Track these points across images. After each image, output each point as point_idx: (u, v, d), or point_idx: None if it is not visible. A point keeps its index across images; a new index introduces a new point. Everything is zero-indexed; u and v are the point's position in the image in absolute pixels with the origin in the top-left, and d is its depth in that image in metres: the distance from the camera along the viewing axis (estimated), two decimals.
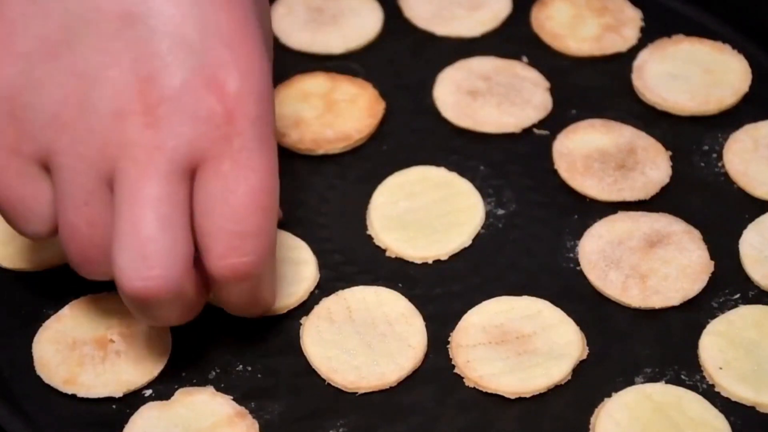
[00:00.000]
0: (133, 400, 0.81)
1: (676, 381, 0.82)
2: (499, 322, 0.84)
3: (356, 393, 0.81)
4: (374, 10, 1.04)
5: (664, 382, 0.82)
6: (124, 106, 0.71)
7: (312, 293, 0.86)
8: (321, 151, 0.94)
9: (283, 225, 0.90)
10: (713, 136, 0.95)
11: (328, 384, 0.82)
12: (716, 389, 0.81)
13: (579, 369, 0.82)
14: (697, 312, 0.85)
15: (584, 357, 0.83)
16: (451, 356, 0.83)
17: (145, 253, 0.71)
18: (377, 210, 0.90)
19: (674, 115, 0.96)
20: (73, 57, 0.72)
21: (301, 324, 0.84)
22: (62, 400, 0.81)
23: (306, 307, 0.85)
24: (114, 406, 0.81)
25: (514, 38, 1.02)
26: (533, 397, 0.81)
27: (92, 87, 0.71)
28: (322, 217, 0.91)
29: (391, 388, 0.81)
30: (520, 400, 0.81)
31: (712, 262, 0.87)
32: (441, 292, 0.87)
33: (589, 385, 0.82)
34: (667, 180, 0.92)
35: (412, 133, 0.96)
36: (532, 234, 0.90)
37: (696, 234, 0.88)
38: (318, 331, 0.83)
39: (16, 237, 0.88)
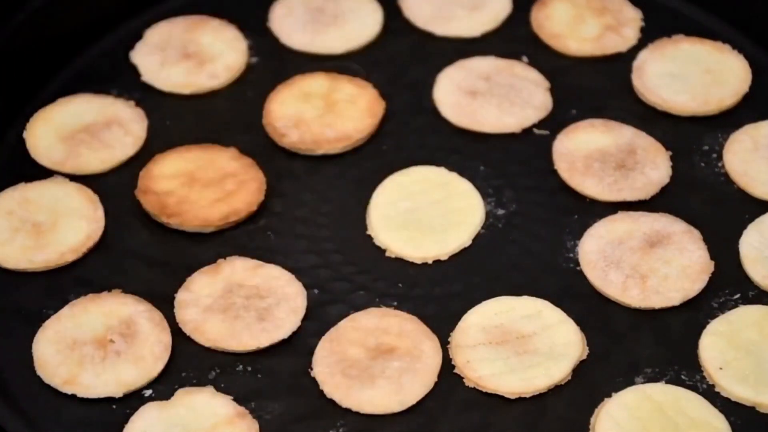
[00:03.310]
0: (133, 400, 0.81)
1: (676, 381, 0.82)
2: (499, 322, 0.84)
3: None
4: (374, 10, 1.04)
5: (664, 382, 0.82)
6: None
7: (313, 292, 0.86)
8: (321, 151, 0.94)
9: (283, 226, 0.90)
10: (713, 136, 0.95)
11: None
12: (716, 389, 0.81)
13: (579, 369, 0.82)
14: (697, 312, 0.85)
15: (584, 357, 0.83)
16: (451, 356, 0.83)
17: None
18: (377, 210, 0.90)
19: (674, 115, 0.96)
20: None
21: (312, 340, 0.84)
22: (62, 400, 0.81)
23: (311, 315, 0.85)
24: (114, 406, 0.81)
25: (514, 38, 1.02)
26: (533, 397, 0.81)
27: None
28: (322, 217, 0.91)
29: None
30: (520, 400, 0.81)
31: (712, 262, 0.87)
32: (441, 292, 0.87)
33: (589, 385, 0.82)
34: (667, 180, 0.92)
35: (412, 133, 0.96)
36: (532, 234, 0.90)
37: (696, 234, 0.88)
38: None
39: (16, 237, 0.88)
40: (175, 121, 0.97)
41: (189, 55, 1.00)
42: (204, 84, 0.99)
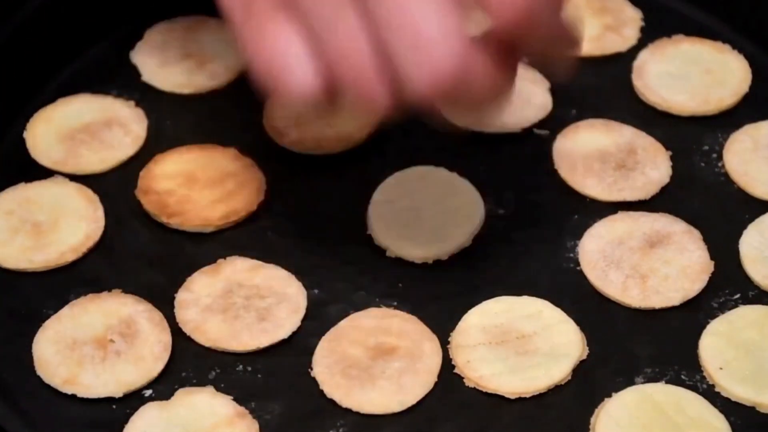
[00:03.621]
0: (133, 400, 0.81)
1: (676, 381, 0.82)
2: (499, 322, 0.84)
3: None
4: None
5: (664, 382, 0.82)
6: None
7: (313, 292, 0.86)
8: (321, 151, 0.94)
9: (283, 226, 0.90)
10: (713, 136, 0.95)
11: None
12: (716, 389, 0.81)
13: (579, 369, 0.82)
14: (697, 312, 0.85)
15: (584, 357, 0.83)
16: (451, 356, 0.83)
17: (438, 29, 0.68)
18: (377, 210, 0.90)
19: (674, 115, 0.97)
20: None
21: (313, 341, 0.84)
22: (62, 400, 0.81)
23: (311, 315, 0.85)
24: (114, 406, 0.81)
25: None
26: (533, 397, 0.81)
27: None
28: (322, 217, 0.91)
29: None
30: (520, 400, 0.81)
31: (712, 262, 0.87)
32: (441, 292, 0.87)
33: (589, 385, 0.82)
34: (667, 180, 0.92)
35: (412, 133, 0.96)
36: (532, 234, 0.90)
37: (696, 234, 0.88)
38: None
39: (16, 237, 0.88)
40: (175, 121, 0.97)
41: (189, 55, 1.00)
42: (204, 84, 0.99)
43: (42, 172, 0.92)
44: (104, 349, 0.82)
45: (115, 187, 0.92)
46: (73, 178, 0.92)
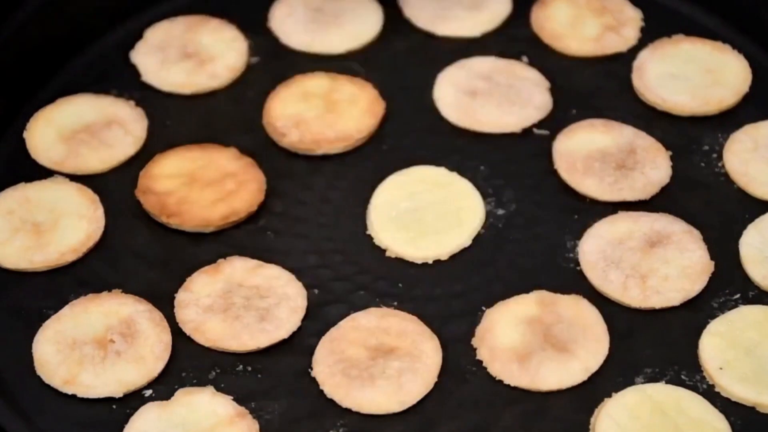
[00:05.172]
0: (133, 400, 0.81)
1: (676, 381, 0.82)
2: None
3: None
4: (374, 10, 1.04)
5: (664, 382, 0.82)
6: None
7: (313, 292, 0.86)
8: (321, 151, 0.94)
9: (283, 226, 0.90)
10: (713, 136, 0.95)
11: None
12: (716, 389, 0.81)
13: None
14: (697, 312, 0.85)
15: None
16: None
17: None
18: (377, 210, 0.90)
19: (674, 115, 0.97)
20: None
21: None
22: (62, 400, 0.81)
23: (311, 315, 0.85)
24: (114, 406, 0.81)
25: (514, 38, 1.02)
26: (533, 396, 0.81)
27: None
28: (322, 217, 0.91)
29: None
30: (520, 400, 0.81)
31: (712, 262, 0.87)
32: (441, 292, 0.87)
33: (589, 385, 0.82)
34: (667, 180, 0.92)
35: (412, 133, 0.96)
36: (532, 234, 0.90)
37: (696, 234, 0.88)
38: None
39: (16, 237, 0.88)
40: (175, 121, 0.97)
41: (189, 55, 1.00)
42: (204, 84, 0.99)
43: (42, 172, 0.92)
44: (104, 349, 0.82)
45: (115, 187, 0.92)
46: (73, 178, 0.92)
